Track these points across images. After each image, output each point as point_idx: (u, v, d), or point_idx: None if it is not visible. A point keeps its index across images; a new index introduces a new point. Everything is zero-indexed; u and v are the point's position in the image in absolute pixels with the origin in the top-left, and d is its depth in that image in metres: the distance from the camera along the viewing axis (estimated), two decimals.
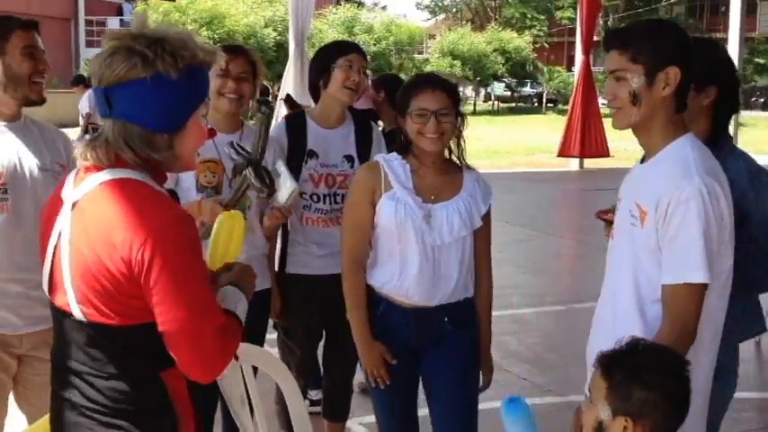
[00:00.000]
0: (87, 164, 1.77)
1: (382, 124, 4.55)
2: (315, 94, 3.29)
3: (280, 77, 11.09)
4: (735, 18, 14.37)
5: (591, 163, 14.31)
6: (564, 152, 14.24)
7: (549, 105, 35.79)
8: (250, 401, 2.31)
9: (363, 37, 28.33)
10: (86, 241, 1.71)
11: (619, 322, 2.16)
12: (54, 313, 1.82)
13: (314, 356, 3.49)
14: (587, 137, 13.64)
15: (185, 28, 1.87)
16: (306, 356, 3.37)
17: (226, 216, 2.08)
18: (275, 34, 23.53)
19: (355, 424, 4.08)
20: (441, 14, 47.18)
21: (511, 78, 35.73)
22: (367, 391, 4.46)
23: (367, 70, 3.24)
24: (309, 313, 3.28)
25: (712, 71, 2.41)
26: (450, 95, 2.61)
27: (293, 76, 7.61)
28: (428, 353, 2.75)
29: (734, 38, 14.06)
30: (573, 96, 14.00)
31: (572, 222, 10.01)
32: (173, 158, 1.79)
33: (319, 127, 3.23)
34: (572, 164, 14.90)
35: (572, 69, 23.38)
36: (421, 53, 36.26)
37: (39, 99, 2.63)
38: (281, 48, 21.43)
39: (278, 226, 3.12)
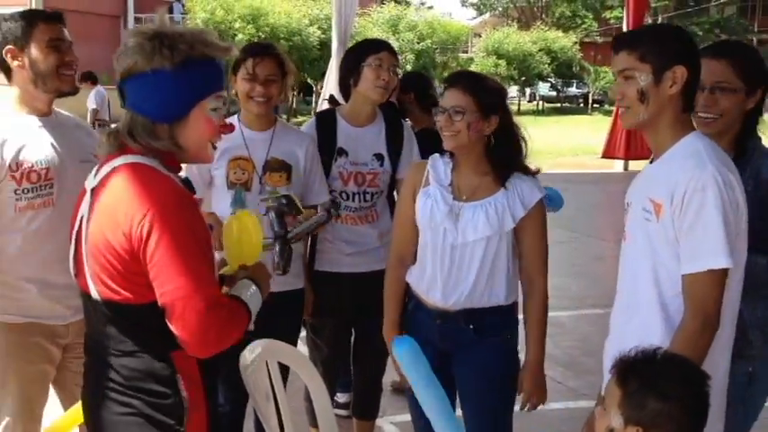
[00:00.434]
0: (103, 153, 1.92)
1: (412, 125, 4.53)
2: (345, 93, 3.29)
3: (323, 76, 11.10)
4: None
5: (636, 165, 14.04)
6: (608, 153, 14.01)
7: (595, 106, 35.35)
8: (276, 398, 2.31)
9: (407, 35, 28.29)
10: (96, 221, 1.84)
11: (641, 321, 2.14)
12: (81, 296, 1.94)
13: (343, 355, 3.49)
14: (633, 138, 13.39)
15: (199, 26, 1.96)
16: (333, 354, 3.37)
17: (231, 219, 2.13)
18: (319, 32, 23.60)
19: (386, 423, 4.08)
20: (486, 13, 46.86)
21: (556, 78, 35.39)
22: (399, 391, 4.47)
23: (397, 69, 3.23)
24: (338, 311, 3.29)
25: (762, 74, 2.43)
26: (470, 93, 2.56)
27: (336, 75, 7.63)
28: (456, 358, 2.70)
29: None
30: None
31: (614, 225, 9.80)
32: (177, 148, 1.90)
33: (349, 125, 3.24)
34: (616, 165, 14.68)
35: None
36: (466, 52, 36.09)
37: (71, 90, 2.66)
38: (325, 46, 21.44)
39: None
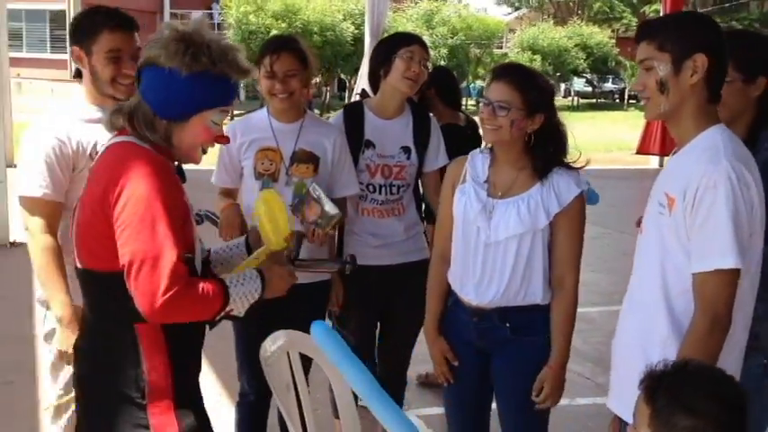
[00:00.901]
0: (107, 130, 2.04)
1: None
2: (374, 85, 3.28)
3: (356, 71, 11.11)
4: None
5: None
6: (643, 149, 13.86)
7: (631, 102, 34.93)
8: (297, 389, 2.31)
9: (441, 30, 28.19)
10: (84, 192, 1.98)
11: (645, 315, 2.11)
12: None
13: (368, 347, 3.48)
14: (668, 134, 13.19)
15: (232, 43, 2.04)
16: (358, 346, 3.35)
17: (258, 200, 2.25)
18: (353, 28, 23.62)
19: (411, 416, 4.05)
20: (522, 9, 46.52)
21: (592, 74, 35.03)
22: (425, 384, 4.47)
23: (428, 64, 3.21)
24: (363, 303, 3.28)
25: (762, 62, 2.36)
26: (518, 89, 2.49)
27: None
28: (494, 357, 2.66)
29: None
30: None
31: None
32: (169, 145, 1.99)
33: (377, 117, 3.23)
34: (651, 162, 14.50)
35: None
36: (500, 47, 35.86)
37: (125, 98, 2.68)
38: (359, 41, 21.49)
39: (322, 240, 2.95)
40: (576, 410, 3.79)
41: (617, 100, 36.87)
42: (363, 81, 7.51)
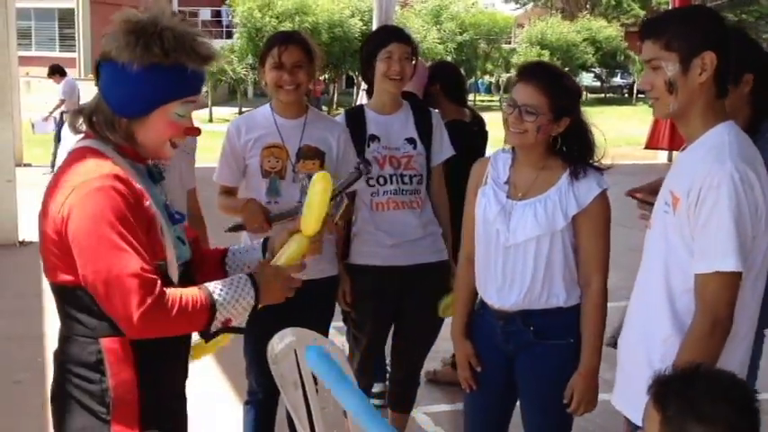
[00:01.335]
0: (71, 133, 1.93)
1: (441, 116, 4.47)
2: (370, 87, 3.31)
3: None
4: None
5: None
6: (652, 144, 13.69)
7: (640, 96, 34.79)
8: (304, 386, 2.31)
9: (449, 25, 28.15)
10: (43, 203, 1.85)
11: (649, 313, 2.09)
12: None
13: (380, 348, 3.48)
14: (677, 129, 13.16)
15: (192, 29, 1.87)
16: (372, 346, 3.37)
17: (319, 177, 2.12)
18: (361, 24, 23.60)
19: (419, 413, 4.07)
20: (530, 3, 46.39)
21: (601, 68, 34.91)
22: (433, 382, 4.46)
23: (414, 55, 3.22)
24: (378, 305, 3.27)
25: (745, 59, 2.35)
26: (546, 94, 2.43)
27: None
28: (519, 360, 2.62)
29: None
30: None
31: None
32: (134, 144, 1.88)
33: (378, 114, 3.25)
34: (660, 156, 14.43)
35: None
36: (509, 42, 35.78)
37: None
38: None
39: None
40: None
41: (626, 95, 36.81)
42: None
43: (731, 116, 2.20)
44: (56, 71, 12.28)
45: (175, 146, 1.95)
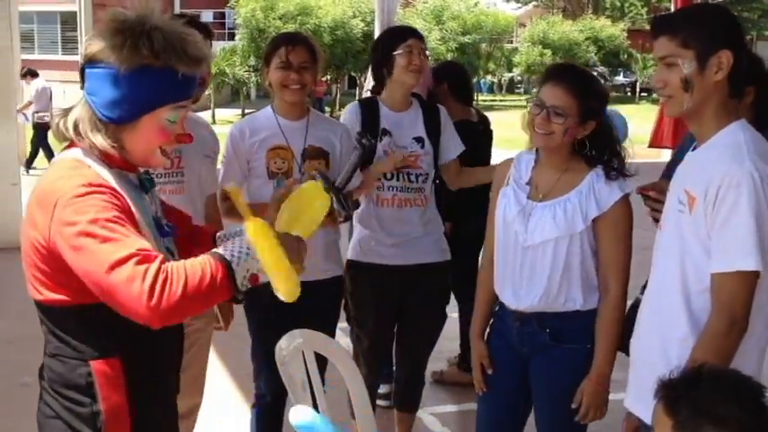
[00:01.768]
0: (56, 139, 1.82)
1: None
2: (379, 84, 3.30)
3: (367, 68, 11.10)
4: None
5: None
6: (656, 143, 13.70)
7: (643, 95, 34.79)
8: (312, 388, 2.30)
9: (451, 25, 28.14)
10: (24, 220, 1.77)
11: (664, 314, 2.07)
12: None
13: (385, 348, 3.47)
14: (680, 127, 13.05)
15: (183, 29, 1.76)
16: (375, 347, 3.36)
17: (312, 186, 2.00)
18: (363, 25, 23.61)
19: (426, 414, 4.06)
20: (531, 2, 46.35)
21: (603, 67, 34.86)
22: (439, 382, 4.45)
23: (426, 52, 3.25)
24: (380, 305, 3.27)
25: (747, 73, 2.31)
26: (576, 97, 2.41)
27: None
28: (533, 363, 2.60)
29: None
30: None
31: None
32: (121, 149, 1.76)
33: (390, 111, 3.25)
34: (664, 155, 14.39)
35: None
36: (511, 42, 35.77)
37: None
38: (369, 38, 21.48)
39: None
40: None
41: (628, 93, 36.73)
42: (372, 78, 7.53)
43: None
44: (28, 73, 12.64)
45: (166, 153, 1.84)
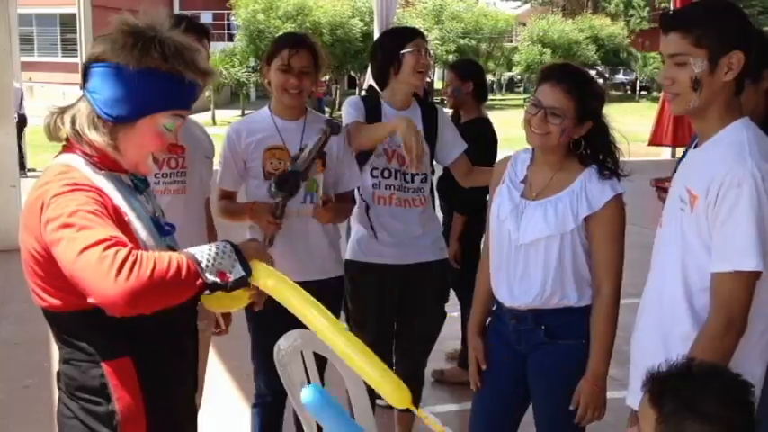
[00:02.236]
0: (49, 139, 1.84)
1: (462, 114, 4.51)
2: (381, 82, 3.30)
3: (366, 68, 11.11)
4: None
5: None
6: (655, 141, 13.67)
7: (643, 93, 34.80)
8: None
9: (450, 25, 28.14)
10: (20, 228, 1.77)
11: (666, 311, 2.07)
12: None
13: (385, 348, 3.47)
14: (680, 125, 13.08)
15: (191, 43, 1.81)
16: (375, 346, 3.32)
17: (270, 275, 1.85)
18: (362, 24, 23.62)
19: (426, 412, 4.05)
20: (531, 1, 46.34)
21: (603, 66, 34.87)
22: (440, 382, 4.46)
23: (430, 52, 3.28)
24: (381, 304, 3.27)
25: (764, 56, 2.32)
26: (574, 98, 2.41)
27: None
28: (530, 359, 2.60)
29: None
30: None
31: (657, 213, 9.79)
32: (114, 150, 1.78)
33: (391, 108, 3.26)
34: (664, 153, 14.41)
35: None
36: (510, 41, 35.76)
37: None
38: (368, 38, 21.50)
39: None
40: None
41: (628, 91, 36.73)
42: (371, 78, 7.52)
43: (749, 112, 2.16)
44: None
45: (157, 161, 1.86)
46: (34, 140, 12.10)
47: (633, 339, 2.23)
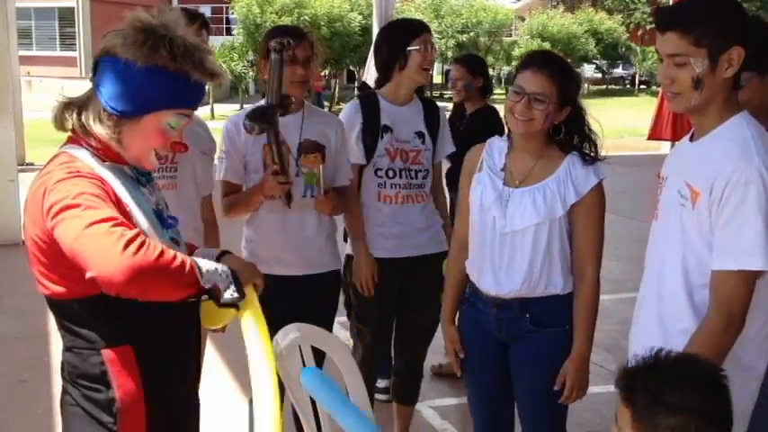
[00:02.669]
0: (56, 128, 1.86)
1: (468, 107, 4.54)
2: (386, 76, 3.27)
3: (365, 62, 11.09)
4: None
5: None
6: (654, 135, 13.65)
7: (642, 87, 34.78)
8: None
9: (450, 19, 28.10)
10: (25, 217, 1.81)
11: (665, 306, 2.06)
12: None
13: (385, 341, 3.48)
14: (679, 119, 13.03)
15: (202, 44, 1.84)
16: (376, 340, 3.36)
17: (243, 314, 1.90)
18: (360, 18, 23.58)
19: (425, 407, 4.07)
20: None
21: (602, 60, 34.85)
22: (439, 375, 4.46)
23: (435, 46, 3.26)
24: (380, 297, 3.26)
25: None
26: (556, 84, 2.43)
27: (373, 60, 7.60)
28: (513, 348, 2.61)
29: None
30: None
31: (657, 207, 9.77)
32: (118, 144, 1.81)
33: (391, 105, 3.24)
34: (663, 147, 14.36)
35: None
36: (509, 35, 35.72)
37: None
38: (367, 32, 21.46)
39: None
40: (590, 398, 3.75)
41: (627, 86, 36.72)
42: (370, 72, 7.50)
43: (756, 106, 2.16)
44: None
45: (159, 157, 1.91)
46: (32, 134, 12.09)
47: (632, 334, 2.23)
